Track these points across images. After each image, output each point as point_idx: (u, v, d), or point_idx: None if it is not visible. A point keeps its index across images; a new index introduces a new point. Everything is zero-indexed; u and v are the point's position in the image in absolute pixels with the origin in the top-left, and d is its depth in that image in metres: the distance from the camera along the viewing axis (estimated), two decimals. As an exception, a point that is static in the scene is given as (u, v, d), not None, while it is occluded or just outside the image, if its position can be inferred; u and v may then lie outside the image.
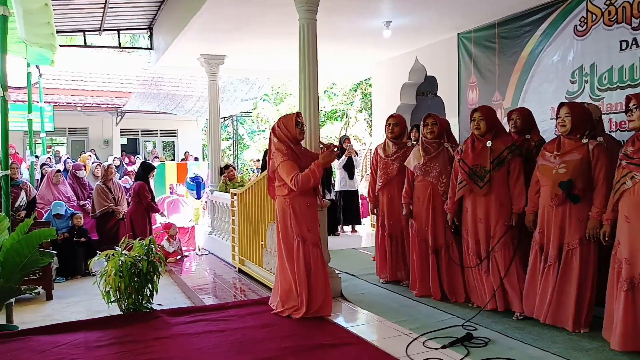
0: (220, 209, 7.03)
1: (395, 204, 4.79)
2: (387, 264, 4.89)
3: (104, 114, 17.20)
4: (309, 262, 3.85)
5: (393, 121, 4.92)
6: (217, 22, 5.79)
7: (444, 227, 4.25)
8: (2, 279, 3.56)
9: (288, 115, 4.11)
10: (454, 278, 4.25)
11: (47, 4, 5.29)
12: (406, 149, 4.84)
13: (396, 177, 4.80)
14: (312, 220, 3.93)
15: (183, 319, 3.79)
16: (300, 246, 3.84)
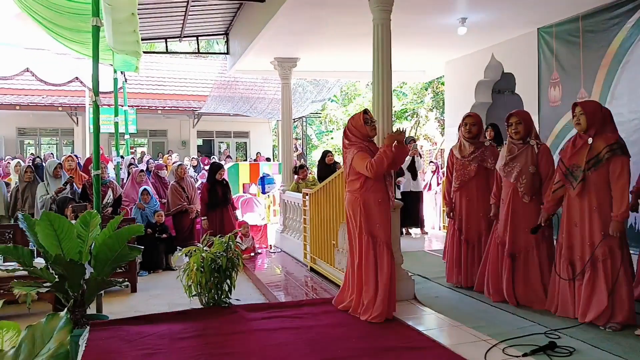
0: (292, 208, 7.15)
1: (473, 207, 4.63)
2: (460, 270, 4.74)
3: (181, 117, 18.04)
4: (377, 261, 3.81)
5: (470, 121, 4.74)
6: (292, 25, 5.91)
7: (525, 230, 4.06)
8: (94, 271, 3.82)
9: (355, 114, 4.12)
10: (532, 284, 4.05)
11: (133, 13, 5.63)
12: (484, 148, 4.67)
13: (474, 179, 4.64)
14: (383, 218, 3.86)
15: (259, 315, 3.90)
16: (370, 244, 3.83)
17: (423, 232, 8.08)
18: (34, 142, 18.34)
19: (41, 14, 7.83)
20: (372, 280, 3.79)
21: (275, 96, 12.90)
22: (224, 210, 7.34)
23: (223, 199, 7.34)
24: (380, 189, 3.88)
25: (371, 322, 3.72)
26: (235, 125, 19.89)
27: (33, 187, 6.62)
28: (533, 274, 4.03)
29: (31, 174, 6.67)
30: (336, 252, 5.07)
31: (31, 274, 3.77)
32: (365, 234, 3.84)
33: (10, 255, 3.85)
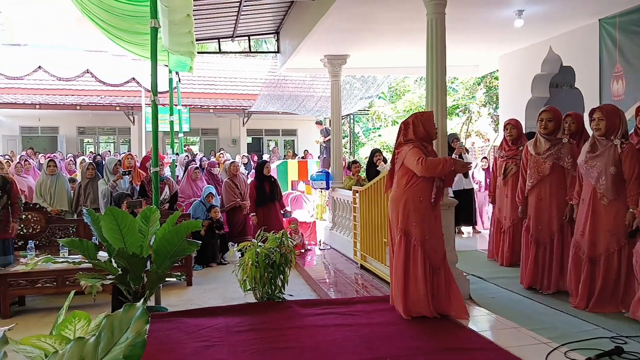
0: (341, 205, 7.16)
1: (545, 207, 4.45)
2: (526, 270, 4.60)
3: (232, 115, 18.40)
4: (409, 260, 3.75)
5: (547, 116, 4.50)
6: (343, 22, 5.90)
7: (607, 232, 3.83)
8: (154, 264, 3.97)
9: (426, 113, 4.05)
10: (609, 289, 3.83)
11: (189, 14, 5.80)
12: (560, 145, 4.43)
13: (548, 177, 4.43)
14: (421, 217, 3.76)
15: (313, 311, 3.93)
16: (403, 241, 3.77)
17: (475, 232, 7.90)
18: (93, 141, 19.23)
19: (101, 17, 8.18)
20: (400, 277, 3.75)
21: (324, 94, 12.95)
22: (272, 207, 7.43)
23: (270, 195, 7.43)
24: (426, 189, 3.79)
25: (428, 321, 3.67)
26: (283, 123, 20.11)
27: (94, 184, 6.93)
28: (613, 278, 3.83)
29: (93, 170, 6.98)
30: (387, 249, 5.03)
31: (95, 266, 3.96)
32: (399, 232, 3.80)
33: (76, 248, 4.06)
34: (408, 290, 3.73)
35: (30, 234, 6.07)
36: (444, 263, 3.86)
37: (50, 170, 6.78)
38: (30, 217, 6.12)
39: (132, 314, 1.22)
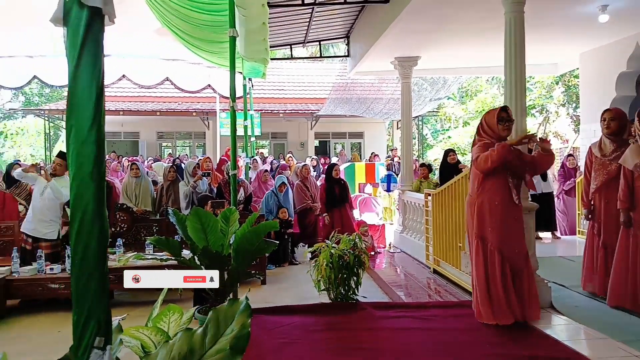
0: (412, 208, 7.10)
1: (613, 209, 4.25)
2: (596, 276, 4.37)
3: (300, 119, 18.72)
4: (487, 266, 3.63)
5: (608, 115, 4.34)
6: (417, 23, 5.87)
7: None
8: (234, 263, 4.14)
9: (491, 110, 3.96)
10: None
11: (264, 22, 6.00)
12: (627, 147, 4.26)
13: (615, 179, 4.25)
14: (498, 221, 3.63)
15: (387, 313, 3.94)
16: (480, 247, 3.67)
17: (555, 237, 7.55)
18: (171, 145, 20.24)
19: (180, 27, 8.62)
20: (482, 283, 3.64)
21: (393, 96, 12.87)
22: (342, 209, 7.49)
23: (340, 197, 7.49)
24: (499, 190, 3.65)
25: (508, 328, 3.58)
26: (350, 126, 20.18)
27: (175, 185, 7.32)
28: None
29: (174, 173, 7.36)
30: (463, 254, 4.94)
31: (180, 263, 4.19)
32: (475, 238, 3.70)
33: (162, 246, 4.31)
34: (489, 296, 3.64)
35: (118, 232, 6.50)
36: (527, 264, 3.73)
37: (134, 172, 7.23)
38: (118, 217, 6.56)
39: (236, 308, 1.30)
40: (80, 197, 0.95)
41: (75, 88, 0.96)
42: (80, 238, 0.96)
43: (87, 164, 0.95)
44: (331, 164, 8.12)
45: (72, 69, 0.96)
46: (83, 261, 0.96)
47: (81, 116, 0.96)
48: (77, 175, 0.96)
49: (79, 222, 0.96)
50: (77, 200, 0.96)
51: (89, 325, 0.96)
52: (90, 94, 0.96)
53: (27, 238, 5.65)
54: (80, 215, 0.96)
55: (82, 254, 0.96)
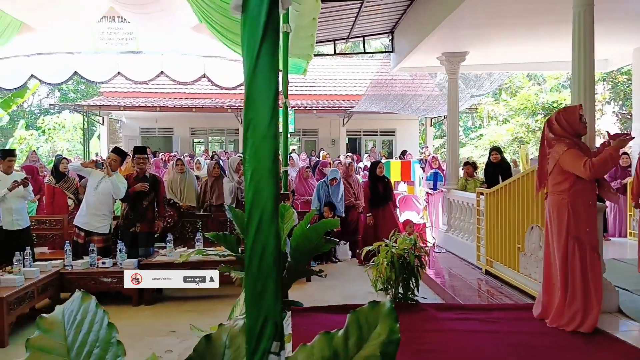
0: (459, 207, 6.95)
1: None
2: None
3: (332, 116, 18.64)
4: (585, 268, 3.50)
5: None
6: (470, 18, 5.73)
7: None
8: (292, 260, 4.10)
9: (570, 107, 3.83)
10: None
11: (314, 18, 5.93)
12: None
13: None
14: (592, 221, 3.56)
15: (449, 315, 3.85)
16: (576, 249, 3.53)
17: (605, 239, 7.30)
18: (204, 141, 20.43)
19: (219, 22, 8.64)
20: (579, 288, 3.50)
21: (433, 93, 12.69)
22: (386, 208, 7.40)
23: (384, 196, 7.39)
24: (591, 190, 3.58)
25: (577, 333, 3.44)
26: (382, 124, 20.01)
27: (219, 181, 7.34)
28: None
29: (218, 169, 7.39)
30: (521, 256, 4.80)
31: (239, 259, 4.17)
32: (571, 239, 3.55)
33: (220, 241, 4.29)
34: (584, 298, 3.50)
35: (165, 227, 6.55)
36: None
37: (178, 168, 7.27)
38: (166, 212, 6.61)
39: (379, 311, 1.24)
40: (259, 194, 0.90)
41: (254, 79, 0.90)
42: (259, 237, 0.91)
43: (266, 159, 0.90)
44: (375, 161, 8.04)
45: (252, 60, 0.90)
46: (262, 261, 0.91)
47: (261, 109, 0.90)
48: (256, 171, 0.90)
49: (258, 220, 0.90)
50: (256, 198, 0.90)
51: (265, 330, 0.91)
52: (270, 85, 0.90)
53: (80, 231, 5.73)
54: (259, 213, 0.90)
55: (260, 253, 0.91)
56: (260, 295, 0.91)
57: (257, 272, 0.91)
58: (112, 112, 18.31)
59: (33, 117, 26.05)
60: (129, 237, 5.88)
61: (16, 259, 4.79)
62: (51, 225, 6.65)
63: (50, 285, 5.07)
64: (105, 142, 18.57)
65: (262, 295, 0.91)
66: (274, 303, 0.92)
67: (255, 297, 0.92)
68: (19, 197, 5.72)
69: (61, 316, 1.35)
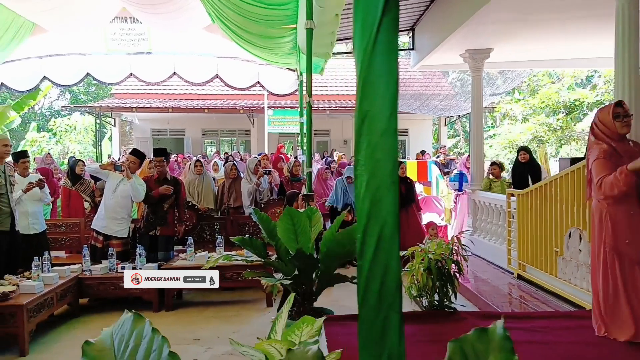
0: (485, 209, 6.72)
1: None
2: None
3: (344, 116, 18.44)
4: (626, 283, 3.26)
5: None
6: (499, 12, 5.51)
7: None
8: (322, 265, 3.91)
9: (604, 107, 3.58)
10: None
11: (337, 14, 5.75)
12: None
13: None
14: (633, 232, 3.26)
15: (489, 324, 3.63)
16: (616, 262, 3.29)
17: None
18: (215, 142, 20.31)
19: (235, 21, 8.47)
20: (623, 301, 3.26)
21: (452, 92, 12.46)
22: (409, 210, 7.18)
23: (407, 197, 7.18)
24: (634, 199, 3.26)
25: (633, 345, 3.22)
26: (394, 124, 19.78)
27: (237, 183, 7.17)
28: None
29: (235, 171, 7.22)
30: (559, 260, 4.58)
31: (266, 264, 3.99)
32: (610, 251, 3.32)
33: (246, 246, 4.12)
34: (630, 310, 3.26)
35: (184, 230, 6.38)
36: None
37: (197, 170, 7.11)
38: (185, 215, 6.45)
39: (488, 340, 1.06)
40: (377, 204, 0.71)
41: (372, 61, 0.73)
42: (379, 258, 0.73)
43: (386, 161, 0.72)
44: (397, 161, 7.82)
45: (369, 37, 0.73)
46: (383, 288, 0.73)
47: (380, 99, 0.72)
48: (374, 176, 0.72)
49: (377, 237, 0.72)
50: (374, 209, 0.72)
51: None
52: (391, 68, 0.72)
53: (98, 235, 5.58)
54: (379, 228, 0.72)
55: (381, 278, 0.72)
56: (382, 332, 0.73)
57: (376, 302, 0.72)
58: (123, 114, 18.24)
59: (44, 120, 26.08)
60: (148, 240, 5.72)
61: (35, 265, 4.64)
62: (67, 229, 6.51)
63: (69, 291, 4.92)
64: (117, 144, 18.51)
65: (385, 332, 0.73)
66: (398, 341, 0.74)
67: (375, 334, 0.74)
68: (36, 200, 5.59)
69: (110, 341, 1.16)
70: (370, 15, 0.73)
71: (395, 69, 0.73)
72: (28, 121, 23.52)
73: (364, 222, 0.73)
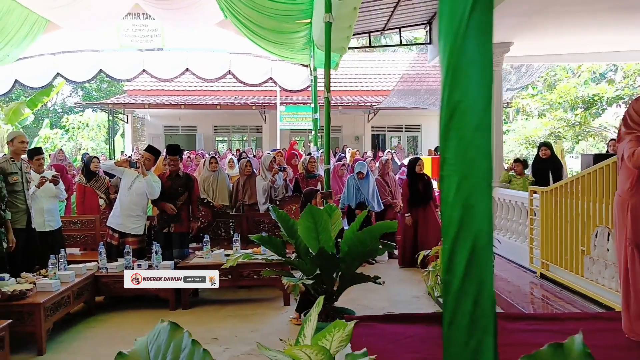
0: (505, 206, 6.58)
1: None
2: None
3: (356, 112, 18.31)
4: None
5: None
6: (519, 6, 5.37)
7: None
8: (344, 265, 3.82)
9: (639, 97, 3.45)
10: None
11: (355, 7, 5.63)
12: None
13: None
14: None
15: (519, 326, 3.53)
16: (636, 256, 3.17)
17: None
18: (226, 139, 20.27)
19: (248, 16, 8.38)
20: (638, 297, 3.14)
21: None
22: (427, 207, 7.06)
23: (424, 194, 7.06)
24: None
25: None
26: (407, 119, 19.61)
27: (251, 180, 7.09)
28: None
29: (250, 167, 7.14)
30: (586, 259, 4.45)
31: (287, 264, 3.91)
32: (629, 245, 3.20)
33: (265, 244, 4.05)
34: None
35: (199, 227, 6.32)
36: None
37: (212, 167, 7.04)
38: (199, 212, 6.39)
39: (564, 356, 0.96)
40: (471, 211, 0.62)
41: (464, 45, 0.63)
42: (472, 273, 0.64)
43: (481, 160, 0.62)
44: (415, 158, 7.70)
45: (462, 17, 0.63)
46: (476, 308, 0.64)
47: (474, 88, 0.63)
48: (467, 178, 0.62)
49: (470, 249, 0.62)
50: (467, 216, 0.62)
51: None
52: (486, 53, 0.62)
53: (113, 233, 5.54)
54: (472, 238, 0.63)
55: (474, 297, 0.63)
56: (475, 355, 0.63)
57: (468, 323, 0.63)
58: (135, 111, 18.25)
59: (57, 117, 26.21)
60: (163, 237, 5.67)
61: (51, 262, 4.60)
62: (83, 226, 6.47)
63: (86, 289, 4.88)
64: (129, 140, 18.54)
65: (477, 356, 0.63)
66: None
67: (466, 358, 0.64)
68: (51, 197, 5.56)
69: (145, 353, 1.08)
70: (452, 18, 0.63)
71: (490, 53, 0.64)
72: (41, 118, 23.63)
73: (454, 231, 0.63)
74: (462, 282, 0.63)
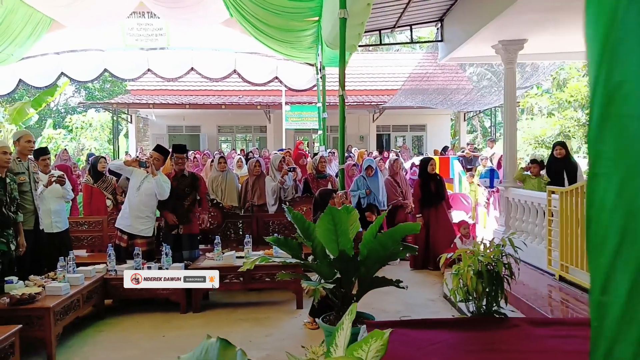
0: (520, 207, 6.46)
1: None
2: None
3: (360, 112, 18.18)
4: None
5: None
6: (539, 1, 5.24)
7: None
8: (364, 268, 3.70)
9: None
10: None
11: (369, 3, 5.50)
12: None
13: None
14: None
15: (546, 332, 3.40)
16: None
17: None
18: (230, 139, 20.15)
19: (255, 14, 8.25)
20: None
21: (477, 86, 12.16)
22: (439, 208, 6.94)
23: (437, 194, 6.93)
24: None
25: None
26: (412, 119, 19.48)
27: (260, 180, 6.97)
28: None
29: (259, 168, 7.02)
30: (610, 261, 4.32)
31: (305, 267, 3.79)
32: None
33: (281, 246, 3.93)
34: None
35: (209, 228, 6.21)
36: None
37: (221, 166, 6.93)
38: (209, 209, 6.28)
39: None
40: (634, 216, 0.49)
41: (627, 13, 0.50)
42: (637, 298, 0.50)
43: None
44: (426, 157, 7.57)
45: None
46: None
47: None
48: (633, 176, 0.49)
49: (638, 265, 0.50)
50: (633, 223, 0.50)
51: None
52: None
53: (122, 235, 5.42)
54: (637, 256, 0.50)
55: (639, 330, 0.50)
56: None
57: (632, 357, 0.51)
58: (138, 110, 18.14)
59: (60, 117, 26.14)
60: (172, 239, 5.55)
61: (60, 265, 4.48)
62: (90, 227, 6.35)
63: (95, 293, 4.77)
64: (133, 140, 18.43)
65: None
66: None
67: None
68: (58, 197, 5.45)
69: (190, 375, 0.96)
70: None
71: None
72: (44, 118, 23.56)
73: (614, 243, 0.51)
74: (625, 306, 0.51)
